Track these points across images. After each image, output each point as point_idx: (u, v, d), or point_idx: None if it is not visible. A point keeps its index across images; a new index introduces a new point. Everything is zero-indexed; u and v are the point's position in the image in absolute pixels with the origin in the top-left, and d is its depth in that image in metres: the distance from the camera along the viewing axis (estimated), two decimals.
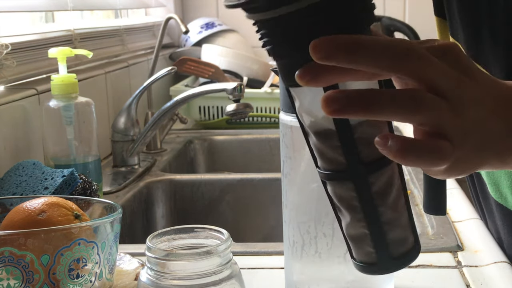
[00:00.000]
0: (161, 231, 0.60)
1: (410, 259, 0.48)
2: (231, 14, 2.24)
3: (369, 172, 0.45)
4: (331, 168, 0.46)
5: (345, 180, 0.45)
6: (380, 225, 0.46)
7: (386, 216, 0.46)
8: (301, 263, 0.67)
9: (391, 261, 0.47)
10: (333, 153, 0.45)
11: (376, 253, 0.47)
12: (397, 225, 0.47)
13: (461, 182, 1.17)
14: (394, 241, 0.47)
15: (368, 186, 0.45)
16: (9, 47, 1.06)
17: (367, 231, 0.46)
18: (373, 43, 0.41)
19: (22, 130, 1.08)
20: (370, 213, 0.45)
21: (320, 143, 0.46)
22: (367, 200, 0.45)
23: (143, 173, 1.32)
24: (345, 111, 0.41)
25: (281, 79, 0.45)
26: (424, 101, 0.42)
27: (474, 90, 0.44)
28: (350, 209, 0.46)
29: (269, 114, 1.75)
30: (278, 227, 0.77)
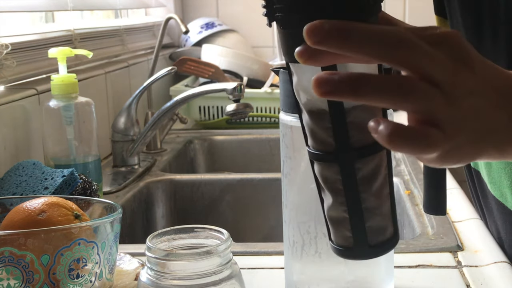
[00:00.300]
0: (161, 231, 0.60)
1: (386, 248, 0.48)
2: (231, 14, 2.24)
3: (357, 158, 0.45)
4: (320, 148, 0.46)
5: (332, 162, 0.45)
6: (360, 211, 0.46)
7: (367, 203, 0.46)
8: (301, 263, 0.67)
9: (367, 248, 0.47)
10: (324, 134, 0.45)
11: (353, 238, 0.47)
12: (377, 214, 0.47)
13: (461, 182, 1.17)
14: (372, 229, 0.47)
15: (354, 171, 0.45)
16: (9, 47, 1.06)
17: (347, 215, 0.46)
18: (365, 31, 0.41)
19: (22, 130, 1.08)
20: (352, 198, 0.46)
21: (312, 122, 0.46)
22: (351, 185, 0.45)
23: (143, 173, 1.32)
24: (334, 94, 0.41)
25: (283, 53, 0.46)
26: (413, 89, 0.42)
27: (471, 81, 0.44)
28: (334, 192, 0.46)
29: (269, 114, 1.75)
30: (278, 227, 0.77)
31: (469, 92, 0.44)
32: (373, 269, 0.67)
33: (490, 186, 0.80)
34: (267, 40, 2.23)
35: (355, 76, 0.41)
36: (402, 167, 1.28)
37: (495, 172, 0.78)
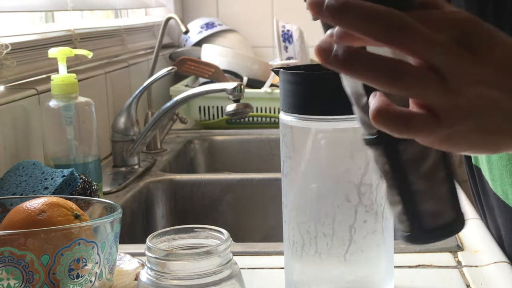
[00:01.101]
0: (161, 231, 0.60)
1: (446, 233, 0.48)
2: (231, 14, 2.24)
3: (399, 139, 0.45)
4: (368, 133, 0.47)
5: (377, 145, 0.47)
6: (410, 194, 0.46)
7: (417, 185, 0.46)
8: (301, 263, 0.67)
9: (422, 233, 0.47)
10: (367, 118, 0.46)
11: (409, 222, 0.47)
12: (430, 197, 0.47)
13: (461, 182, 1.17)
14: (426, 213, 0.47)
15: (397, 152, 0.46)
16: (9, 47, 1.06)
17: (399, 198, 0.47)
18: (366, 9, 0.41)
19: (22, 130, 1.08)
20: (400, 180, 0.46)
21: (357, 108, 0.47)
22: (397, 167, 0.46)
23: (143, 173, 1.32)
24: (329, 64, 0.42)
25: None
26: (406, 73, 0.42)
27: (479, 69, 0.42)
28: (385, 175, 0.47)
29: (269, 114, 1.75)
30: (278, 227, 0.77)
31: (476, 80, 0.42)
32: (373, 269, 0.67)
33: (492, 184, 0.80)
34: (267, 40, 2.23)
35: (351, 50, 0.42)
36: None
37: (496, 170, 0.78)
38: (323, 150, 0.64)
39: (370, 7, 0.41)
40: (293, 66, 0.70)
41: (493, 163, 0.78)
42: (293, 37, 1.84)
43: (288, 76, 0.65)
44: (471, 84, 0.42)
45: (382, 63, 0.42)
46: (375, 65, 0.42)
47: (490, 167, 0.79)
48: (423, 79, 0.42)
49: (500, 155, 0.76)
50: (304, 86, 0.64)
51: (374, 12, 0.41)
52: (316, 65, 0.68)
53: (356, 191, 0.64)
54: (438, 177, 0.47)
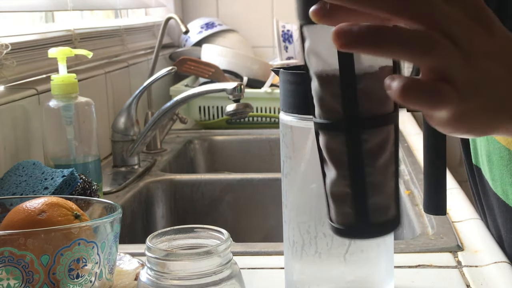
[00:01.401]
0: (161, 231, 0.60)
1: (387, 230, 0.47)
2: (231, 14, 2.24)
3: (364, 128, 0.44)
4: (328, 117, 0.45)
5: (339, 131, 0.44)
6: (364, 185, 0.45)
7: (372, 178, 0.45)
8: (301, 263, 0.67)
9: (369, 227, 0.46)
10: (332, 101, 0.44)
11: (354, 215, 0.45)
12: (381, 191, 0.46)
13: (461, 182, 1.17)
14: (375, 206, 0.45)
15: (360, 142, 0.44)
16: (9, 47, 1.06)
17: (349, 190, 0.45)
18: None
19: (22, 130, 1.08)
20: (356, 170, 0.44)
21: (322, 88, 0.45)
22: (356, 157, 0.44)
23: (143, 173, 1.32)
24: (354, 45, 0.40)
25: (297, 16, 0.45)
26: (435, 44, 0.41)
27: (488, 42, 0.43)
28: (338, 164, 0.45)
29: (269, 114, 1.75)
30: (278, 227, 0.77)
31: (486, 54, 0.42)
32: (373, 269, 0.67)
33: (492, 184, 0.80)
34: (267, 40, 2.23)
35: (375, 27, 0.41)
36: (402, 167, 1.28)
37: (496, 169, 0.78)
38: None
39: None
40: (293, 66, 0.70)
41: (494, 163, 0.78)
42: (293, 37, 1.84)
43: (288, 76, 0.65)
44: (482, 57, 0.42)
45: (411, 35, 0.41)
46: (404, 39, 0.41)
47: (490, 167, 0.79)
48: (449, 50, 0.41)
49: (501, 155, 0.76)
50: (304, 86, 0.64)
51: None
52: None
53: None
54: (389, 172, 0.46)
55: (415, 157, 1.32)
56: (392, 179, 0.46)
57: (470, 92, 0.42)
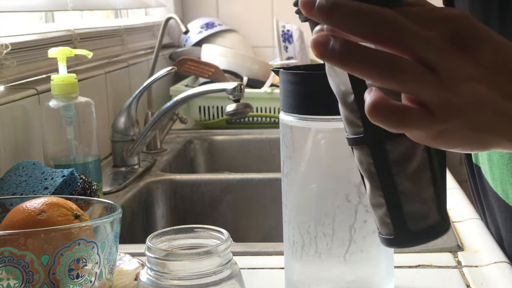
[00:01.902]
0: (161, 231, 0.60)
1: (430, 236, 0.47)
2: (231, 14, 2.24)
3: (386, 138, 0.45)
4: (353, 132, 0.47)
5: (363, 144, 0.46)
6: (395, 195, 0.46)
7: (403, 186, 0.46)
8: (301, 263, 0.67)
9: (409, 235, 0.47)
10: (353, 117, 0.46)
11: (393, 225, 0.47)
12: (416, 199, 0.46)
13: (461, 182, 1.17)
14: (412, 215, 0.46)
15: (384, 152, 0.45)
16: (9, 47, 1.06)
17: (383, 200, 0.46)
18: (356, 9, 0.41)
19: (22, 130, 1.08)
20: (386, 181, 0.46)
21: (342, 106, 0.47)
22: (383, 168, 0.45)
23: (143, 173, 1.32)
24: (326, 58, 0.42)
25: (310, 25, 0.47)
26: (403, 68, 0.41)
27: (471, 66, 0.42)
28: (369, 176, 0.47)
29: (269, 114, 1.75)
30: (278, 227, 0.77)
31: (468, 77, 0.42)
32: (373, 269, 0.67)
33: (492, 183, 0.80)
34: (267, 40, 2.23)
35: (349, 45, 0.41)
36: None
37: (496, 169, 0.78)
38: (323, 150, 0.64)
39: (360, 6, 0.41)
40: (293, 66, 0.70)
41: (494, 162, 0.78)
42: (293, 37, 1.84)
43: (288, 76, 0.65)
44: (463, 81, 0.42)
45: (380, 57, 0.42)
46: (373, 59, 0.41)
47: (490, 166, 0.79)
48: (419, 74, 0.42)
49: (501, 154, 0.76)
50: (304, 86, 0.64)
51: (365, 11, 0.41)
52: (316, 65, 0.68)
53: (356, 191, 0.64)
54: (424, 178, 0.46)
55: None
56: (429, 185, 0.47)
57: (449, 114, 0.42)
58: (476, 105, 0.43)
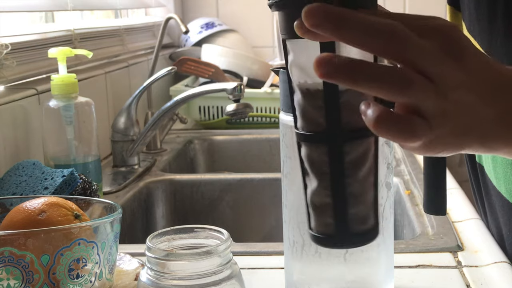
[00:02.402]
0: (161, 231, 0.60)
1: (368, 239, 0.47)
2: (231, 14, 2.24)
3: (346, 140, 0.45)
4: (310, 129, 0.46)
5: (321, 143, 0.45)
6: (344, 196, 0.46)
7: (352, 188, 0.46)
8: (301, 263, 0.67)
9: (349, 237, 0.47)
10: (315, 114, 0.45)
11: (335, 225, 0.46)
12: (361, 201, 0.46)
13: (461, 182, 1.17)
14: (355, 217, 0.46)
15: (342, 153, 0.45)
16: (9, 47, 1.06)
17: (330, 201, 0.46)
18: (360, 21, 0.41)
19: (22, 130, 1.08)
20: (337, 181, 0.45)
21: (304, 101, 0.46)
22: (338, 168, 0.45)
23: (143, 173, 1.32)
24: (333, 77, 0.42)
25: (280, 30, 0.46)
26: (412, 83, 0.42)
27: (460, 74, 0.44)
28: (319, 175, 0.46)
29: (269, 114, 1.75)
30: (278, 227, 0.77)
31: (458, 85, 0.44)
32: (373, 269, 0.67)
33: (495, 182, 0.80)
34: (267, 40, 2.23)
35: (355, 63, 0.42)
36: (402, 167, 1.28)
37: (500, 168, 0.78)
38: None
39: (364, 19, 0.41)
40: None
41: (498, 161, 0.78)
42: None
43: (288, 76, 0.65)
44: (454, 89, 0.44)
45: (387, 72, 0.42)
46: (382, 76, 0.42)
47: (494, 165, 0.79)
48: (424, 86, 0.43)
49: None
50: None
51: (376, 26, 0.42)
52: None
53: None
54: (369, 182, 0.47)
55: (415, 157, 1.32)
56: (371, 189, 0.47)
57: (441, 121, 0.44)
58: (462, 111, 0.44)
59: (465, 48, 0.45)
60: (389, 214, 0.67)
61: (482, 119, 0.45)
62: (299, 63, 0.46)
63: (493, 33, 0.72)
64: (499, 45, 0.71)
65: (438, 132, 0.44)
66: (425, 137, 0.44)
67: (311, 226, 0.48)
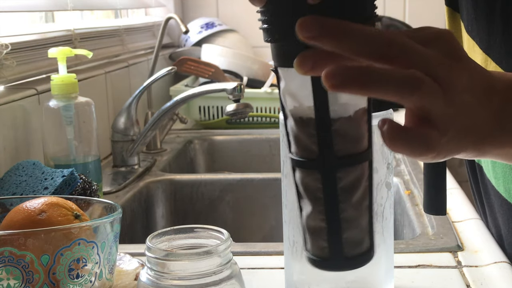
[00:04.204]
0: (161, 231, 0.60)
1: (361, 262, 0.48)
2: (231, 14, 2.24)
3: (339, 167, 0.45)
4: (303, 155, 0.46)
5: (314, 169, 0.45)
6: (338, 221, 0.46)
7: (346, 213, 0.46)
8: (301, 263, 0.67)
9: (343, 261, 0.47)
10: (308, 141, 0.45)
11: (329, 249, 0.46)
12: (355, 226, 0.46)
13: (461, 182, 1.17)
14: (349, 241, 0.46)
15: (334, 180, 0.45)
16: (9, 47, 1.06)
17: (324, 225, 0.46)
18: (359, 31, 0.41)
19: (22, 130, 1.08)
20: (331, 207, 0.45)
21: (297, 128, 0.46)
22: (331, 194, 0.45)
23: (143, 173, 1.32)
24: (343, 87, 0.41)
25: (273, 59, 0.46)
26: (422, 84, 0.42)
27: (464, 77, 0.45)
28: (313, 200, 0.46)
29: (269, 114, 1.75)
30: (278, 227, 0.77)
31: (464, 88, 0.45)
32: (373, 269, 0.67)
33: (494, 182, 0.80)
34: None
35: (363, 69, 0.42)
36: (402, 167, 1.28)
37: (499, 168, 0.78)
38: None
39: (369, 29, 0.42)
40: None
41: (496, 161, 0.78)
42: None
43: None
44: (459, 92, 0.44)
45: (399, 77, 0.42)
46: (393, 80, 0.42)
47: (493, 165, 0.79)
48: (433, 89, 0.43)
49: None
50: None
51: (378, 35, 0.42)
52: None
53: None
54: (363, 206, 0.47)
55: None
56: (366, 213, 0.47)
57: (447, 127, 0.44)
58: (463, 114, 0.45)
59: (463, 52, 0.46)
60: (389, 214, 0.67)
61: (477, 122, 0.46)
62: (291, 91, 0.46)
63: (491, 33, 0.72)
64: (498, 45, 0.71)
65: (448, 136, 0.45)
66: (439, 148, 0.44)
67: (307, 248, 0.48)
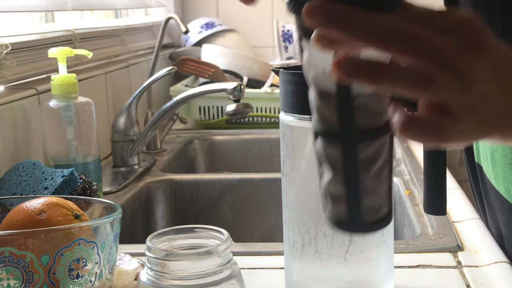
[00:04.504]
0: (161, 231, 0.60)
1: (380, 226, 0.48)
2: (231, 14, 2.24)
3: (360, 140, 0.45)
4: (325, 126, 0.46)
5: (335, 141, 0.46)
6: (357, 190, 0.46)
7: (365, 183, 0.46)
8: (301, 263, 0.67)
9: (362, 225, 0.48)
10: (330, 113, 0.45)
11: (348, 215, 0.47)
12: (374, 194, 0.47)
13: (461, 182, 1.17)
14: (368, 207, 0.47)
15: (355, 153, 0.45)
16: (9, 47, 1.06)
17: (344, 192, 0.47)
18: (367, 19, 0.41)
19: (22, 130, 1.08)
20: (351, 177, 0.46)
21: (319, 100, 0.46)
22: (351, 166, 0.46)
23: (143, 173, 1.32)
24: (353, 77, 0.41)
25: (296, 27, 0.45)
26: (434, 79, 0.42)
27: (484, 66, 0.44)
28: (333, 169, 0.47)
29: (269, 114, 1.75)
30: (278, 227, 0.77)
31: (483, 78, 0.44)
32: (373, 269, 0.67)
33: (494, 182, 0.80)
34: (267, 40, 2.23)
35: (376, 62, 0.41)
36: (402, 167, 1.28)
37: (499, 168, 0.78)
38: None
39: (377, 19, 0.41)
40: (293, 66, 0.70)
41: (496, 161, 0.78)
42: (293, 37, 1.84)
43: (288, 76, 0.65)
44: (478, 82, 0.44)
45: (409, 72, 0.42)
46: (405, 73, 0.42)
47: (493, 165, 0.79)
48: (448, 81, 0.42)
49: (504, 153, 0.76)
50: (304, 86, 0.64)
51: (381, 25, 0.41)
52: None
53: None
54: (383, 175, 0.47)
55: (415, 157, 1.32)
56: (385, 182, 0.48)
57: (465, 115, 0.44)
58: (484, 101, 0.44)
59: (487, 39, 0.45)
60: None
61: (505, 109, 0.45)
62: (313, 62, 0.46)
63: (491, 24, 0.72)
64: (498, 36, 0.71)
65: (463, 125, 0.44)
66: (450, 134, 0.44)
67: (326, 211, 0.49)
